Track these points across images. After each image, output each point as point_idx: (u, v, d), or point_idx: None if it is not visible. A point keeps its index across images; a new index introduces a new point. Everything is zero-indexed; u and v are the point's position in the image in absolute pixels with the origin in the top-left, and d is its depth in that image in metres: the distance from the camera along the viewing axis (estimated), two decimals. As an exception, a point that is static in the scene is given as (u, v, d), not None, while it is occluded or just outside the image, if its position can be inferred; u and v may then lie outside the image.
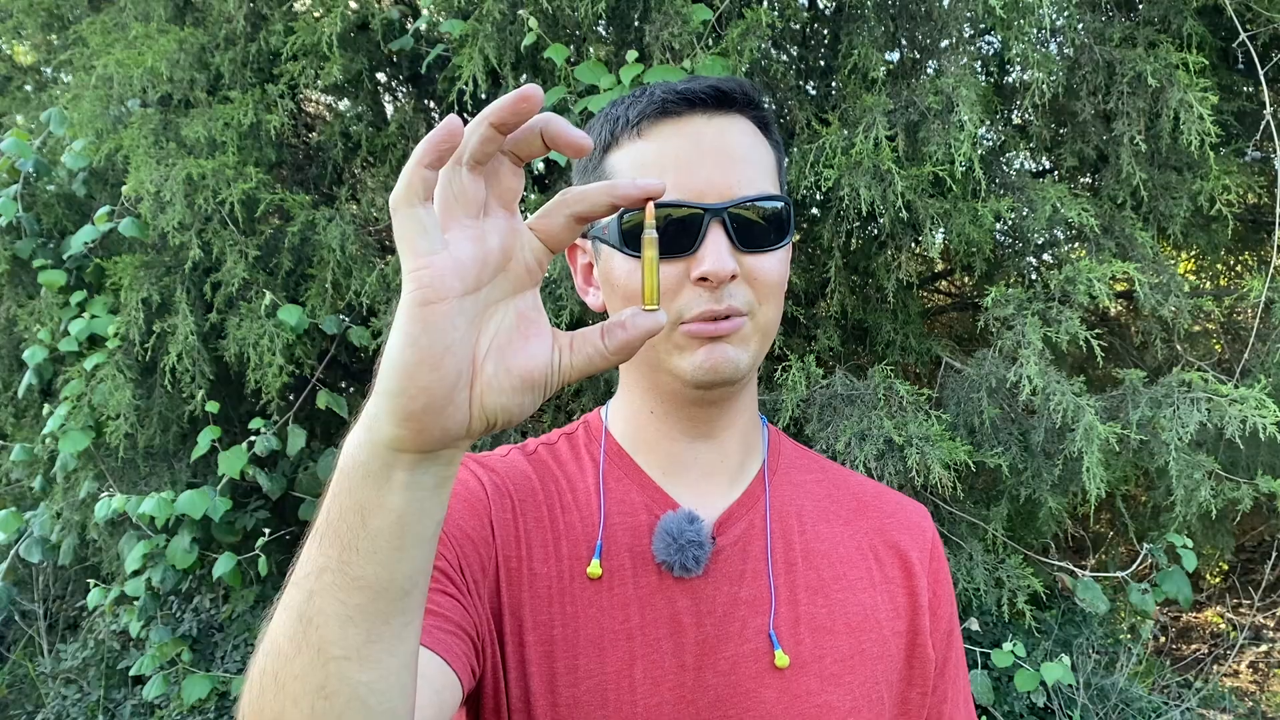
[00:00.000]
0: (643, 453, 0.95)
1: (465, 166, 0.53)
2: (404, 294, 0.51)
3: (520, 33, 2.22)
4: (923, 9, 2.38)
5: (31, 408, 3.10)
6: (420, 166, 0.51)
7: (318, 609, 0.55)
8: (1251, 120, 2.48)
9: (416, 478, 0.54)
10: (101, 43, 2.78)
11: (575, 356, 0.57)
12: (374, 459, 0.54)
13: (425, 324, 0.51)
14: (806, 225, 2.66)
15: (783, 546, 0.92)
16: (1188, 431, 2.15)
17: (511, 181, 0.56)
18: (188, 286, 2.63)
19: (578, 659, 0.85)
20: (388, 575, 0.55)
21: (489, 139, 0.53)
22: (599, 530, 0.90)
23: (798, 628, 0.88)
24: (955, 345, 2.81)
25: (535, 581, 0.88)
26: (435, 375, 0.51)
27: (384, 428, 0.53)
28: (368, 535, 0.55)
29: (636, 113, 0.88)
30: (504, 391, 0.54)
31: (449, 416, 0.52)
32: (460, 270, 0.52)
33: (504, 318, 0.56)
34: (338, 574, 0.55)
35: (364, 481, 0.54)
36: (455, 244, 0.53)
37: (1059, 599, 3.08)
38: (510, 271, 0.57)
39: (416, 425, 0.52)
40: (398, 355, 0.51)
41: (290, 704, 0.56)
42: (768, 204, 0.85)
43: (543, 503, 0.92)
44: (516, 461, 0.95)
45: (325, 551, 0.56)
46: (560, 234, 0.57)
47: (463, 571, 0.83)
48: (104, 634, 3.48)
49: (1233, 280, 3.27)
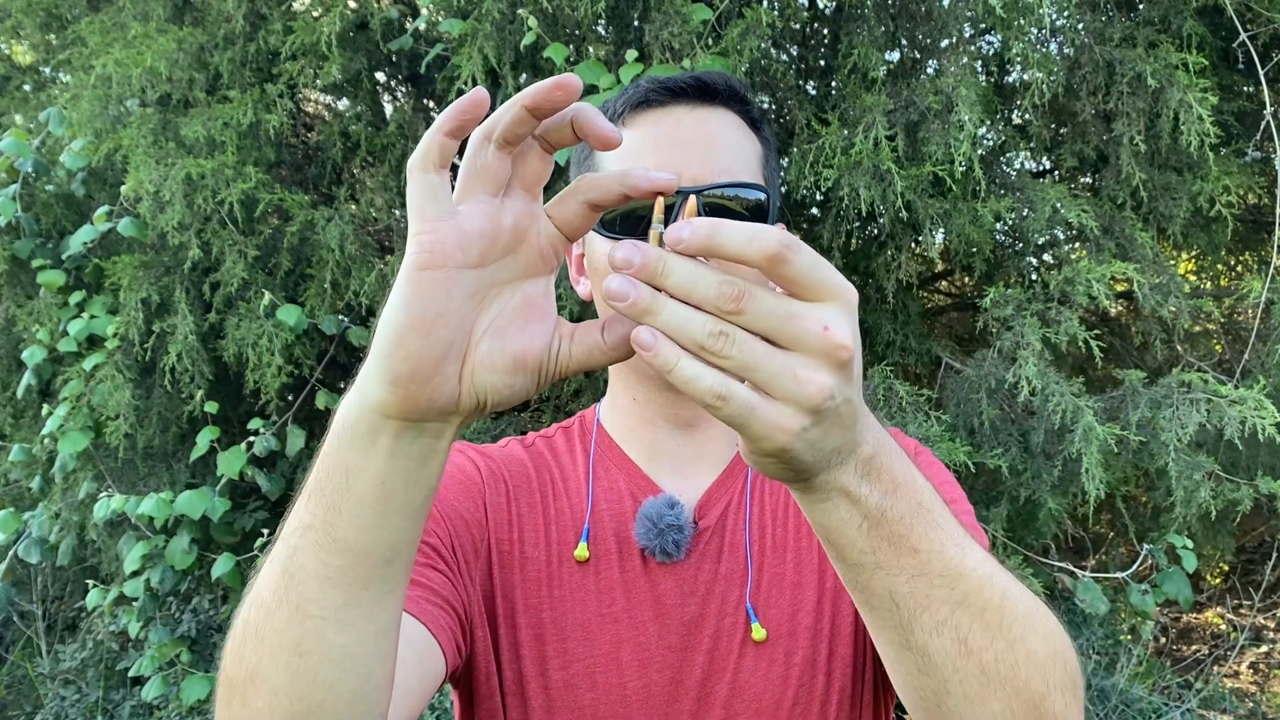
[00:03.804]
0: (629, 441, 0.97)
1: (494, 143, 0.53)
2: (405, 257, 0.52)
3: (520, 32, 2.21)
4: (923, 9, 2.37)
5: (30, 408, 3.10)
6: (441, 134, 0.51)
7: (299, 565, 0.56)
8: (1252, 120, 2.48)
9: (402, 446, 0.54)
10: (100, 42, 2.77)
11: (575, 347, 0.56)
12: (361, 420, 0.54)
13: (419, 287, 0.50)
14: (806, 225, 2.65)
15: (758, 513, 0.93)
16: (1187, 432, 2.15)
17: (538, 166, 0.55)
18: (187, 286, 2.63)
19: (566, 642, 0.87)
20: (369, 540, 0.55)
21: (521, 120, 0.52)
22: (586, 515, 0.92)
23: (771, 591, 0.90)
24: (955, 346, 2.81)
25: (526, 565, 0.90)
26: (425, 341, 0.51)
27: (373, 389, 0.53)
28: (351, 497, 0.54)
29: (621, 104, 0.90)
30: (495, 370, 0.53)
31: (435, 387, 0.52)
32: (464, 241, 0.52)
33: (509, 300, 0.55)
34: (321, 533, 0.55)
35: (351, 443, 0.54)
36: (467, 215, 0.53)
37: (1059, 600, 3.07)
38: (522, 255, 0.56)
39: (404, 391, 0.51)
40: (391, 317, 0.51)
41: (268, 656, 0.56)
42: (746, 192, 0.85)
43: (536, 489, 0.94)
44: (513, 450, 0.98)
45: (311, 509, 0.56)
46: (575, 221, 0.57)
47: (454, 550, 0.85)
48: (103, 635, 3.47)
49: (1233, 281, 3.27)
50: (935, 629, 0.58)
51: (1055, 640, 0.61)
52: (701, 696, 0.87)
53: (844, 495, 0.55)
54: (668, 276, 0.50)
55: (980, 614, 0.58)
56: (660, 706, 0.86)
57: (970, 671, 0.58)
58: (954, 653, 0.58)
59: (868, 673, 0.89)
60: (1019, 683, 0.58)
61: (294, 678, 0.56)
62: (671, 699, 0.86)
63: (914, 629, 0.58)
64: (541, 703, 0.86)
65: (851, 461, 0.55)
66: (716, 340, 0.49)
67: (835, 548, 0.58)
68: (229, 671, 0.58)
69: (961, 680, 0.58)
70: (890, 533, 0.56)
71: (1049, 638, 0.60)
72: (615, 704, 0.86)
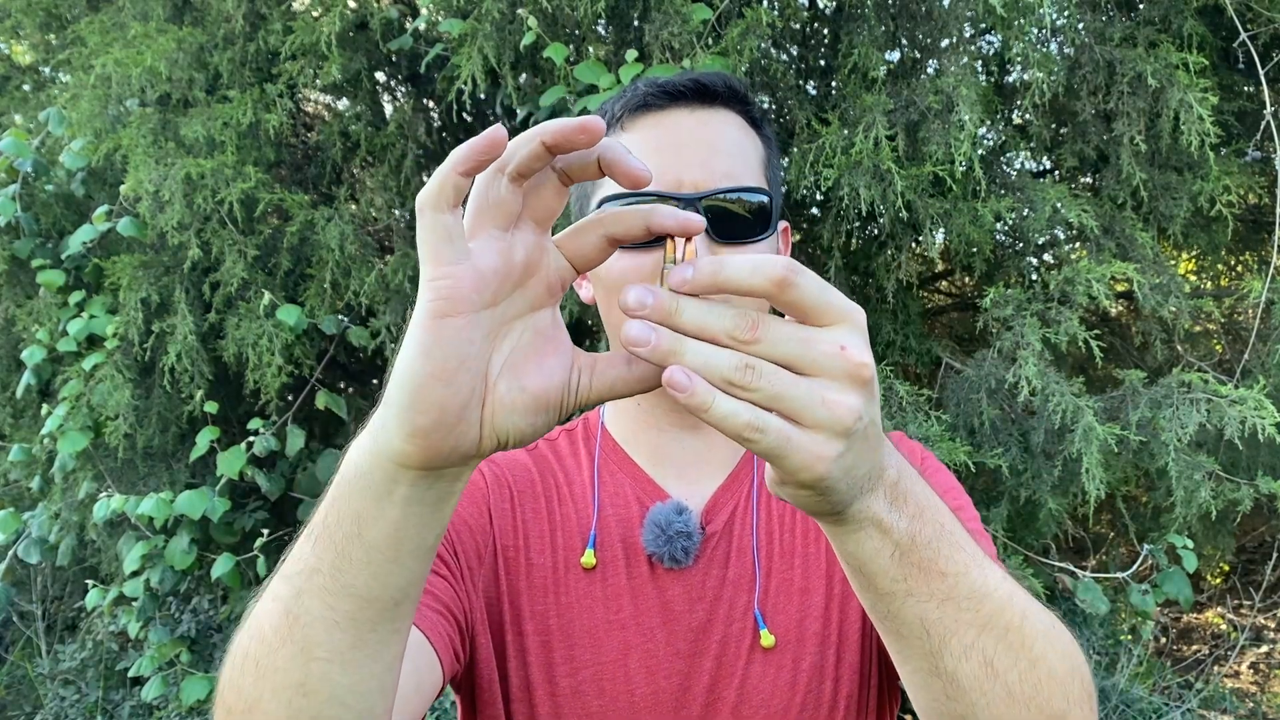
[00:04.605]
0: (633, 444, 0.96)
1: (508, 177, 0.51)
2: (420, 303, 0.50)
3: (519, 32, 2.21)
4: (923, 8, 2.37)
5: (30, 408, 3.09)
6: (455, 172, 0.49)
7: (305, 608, 0.55)
8: (1252, 120, 2.48)
9: (419, 493, 0.52)
10: (100, 42, 2.77)
11: (596, 380, 0.54)
12: (377, 470, 0.52)
13: (440, 336, 0.49)
14: (806, 225, 2.65)
15: (765, 518, 0.93)
16: (1187, 432, 2.15)
17: (552, 200, 0.54)
18: (186, 286, 2.63)
19: (574, 649, 0.87)
20: (380, 586, 0.54)
21: (537, 156, 0.50)
22: (593, 521, 0.91)
23: (779, 598, 0.89)
24: (955, 346, 2.80)
25: (532, 571, 0.89)
26: (448, 391, 0.49)
27: (392, 441, 0.51)
28: (362, 544, 0.53)
29: (620, 107, 0.88)
30: (516, 411, 0.52)
31: (459, 434, 0.50)
32: (480, 283, 0.50)
33: (521, 335, 0.54)
34: (329, 578, 0.54)
35: (364, 492, 0.53)
36: (480, 254, 0.51)
37: (1059, 600, 3.07)
38: (529, 288, 0.54)
39: (425, 441, 0.50)
40: (410, 367, 0.49)
41: (269, 693, 0.55)
42: (749, 196, 0.84)
43: (541, 494, 0.93)
44: (517, 454, 0.97)
45: (318, 554, 0.55)
46: (591, 254, 0.55)
47: (457, 556, 0.85)
48: (102, 635, 3.47)
49: (1233, 280, 3.27)
50: (964, 653, 0.58)
51: (1073, 656, 0.61)
52: (709, 702, 0.86)
53: (875, 525, 0.55)
54: (681, 315, 0.50)
55: (1004, 635, 0.58)
56: (668, 712, 0.86)
57: (997, 694, 0.58)
58: (981, 676, 0.58)
59: (874, 678, 0.89)
60: (1042, 701, 0.58)
61: (296, 714, 0.55)
62: (679, 705, 0.86)
63: (944, 655, 0.58)
64: (549, 709, 0.86)
65: (880, 488, 0.54)
66: (744, 374, 0.49)
67: (867, 577, 0.58)
68: (228, 700, 0.57)
69: (989, 703, 0.58)
70: (920, 558, 0.56)
71: (1067, 654, 0.60)
72: (623, 710, 0.86)
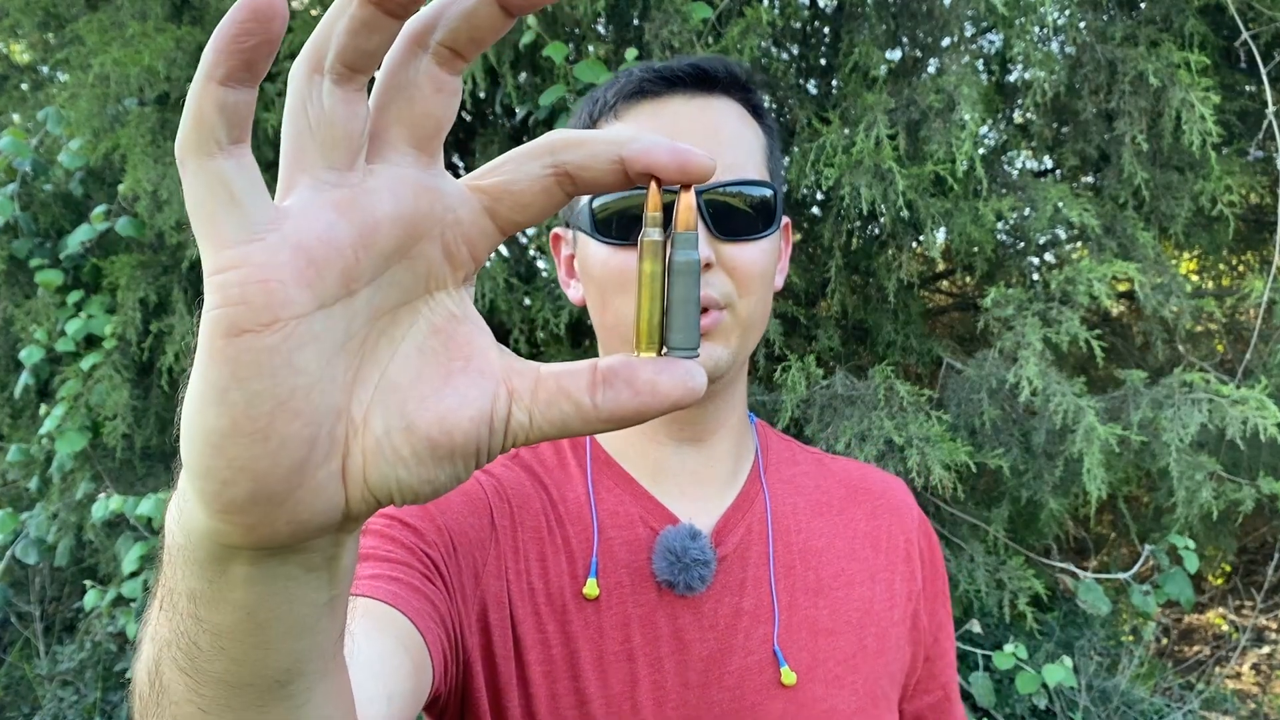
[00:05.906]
0: (630, 459, 0.90)
1: (329, 77, 0.32)
2: (204, 315, 0.30)
3: (519, 31, 2.21)
4: (924, 7, 2.36)
5: (28, 408, 3.09)
6: (212, 82, 0.29)
7: (168, 683, 0.39)
8: (1254, 120, 2.47)
9: (268, 572, 0.34)
10: (98, 41, 2.76)
11: (541, 412, 0.34)
12: (197, 547, 0.34)
13: (236, 367, 0.29)
14: (807, 225, 2.64)
15: (781, 548, 0.88)
16: (1189, 432, 2.14)
17: (432, 102, 0.33)
18: (185, 286, 2.63)
19: (579, 681, 0.81)
20: (249, 671, 0.37)
21: (369, 23, 0.30)
22: (594, 546, 0.85)
23: (800, 634, 0.85)
24: (956, 345, 2.80)
25: (534, 597, 0.84)
26: (262, 448, 0.30)
27: (197, 518, 0.33)
28: (206, 631, 0.36)
29: (614, 94, 0.83)
30: (401, 461, 0.32)
31: (300, 504, 0.31)
32: (305, 265, 0.30)
33: (406, 338, 0.34)
34: (184, 658, 0.37)
35: (191, 567, 0.35)
36: (299, 215, 0.30)
37: (1060, 601, 3.07)
38: (415, 259, 0.33)
39: (245, 519, 0.31)
40: (198, 420, 0.30)
41: None
42: (751, 190, 0.80)
43: (539, 513, 0.87)
44: (509, 467, 0.90)
45: (167, 624, 0.38)
46: (529, 198, 0.34)
47: (449, 571, 0.79)
48: (101, 636, 3.46)
49: (1235, 280, 3.26)
50: None
51: None
52: None
53: None
54: None
55: None
56: None
57: None
58: None
59: None
60: None
61: None
62: None
63: None
64: None
65: None
66: None
67: None
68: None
69: None
70: None
71: None
72: None
